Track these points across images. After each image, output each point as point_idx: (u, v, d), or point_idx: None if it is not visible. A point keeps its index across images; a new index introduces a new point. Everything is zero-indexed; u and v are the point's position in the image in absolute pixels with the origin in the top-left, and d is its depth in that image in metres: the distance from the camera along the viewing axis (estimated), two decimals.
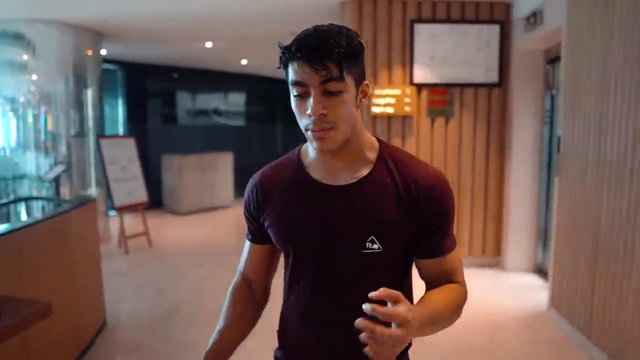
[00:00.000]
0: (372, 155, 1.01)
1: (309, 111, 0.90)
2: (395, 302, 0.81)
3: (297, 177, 1.03)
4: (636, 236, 2.56)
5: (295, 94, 0.93)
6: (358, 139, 1.00)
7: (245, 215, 1.12)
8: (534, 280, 4.55)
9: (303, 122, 0.94)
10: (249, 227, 1.14)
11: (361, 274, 0.98)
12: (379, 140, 1.05)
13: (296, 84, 0.91)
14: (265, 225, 1.07)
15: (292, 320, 1.08)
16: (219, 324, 1.11)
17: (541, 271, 4.66)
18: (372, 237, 0.97)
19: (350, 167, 1.00)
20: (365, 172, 1.00)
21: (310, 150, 1.04)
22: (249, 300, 1.15)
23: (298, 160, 1.05)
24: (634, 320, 2.58)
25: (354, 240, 0.97)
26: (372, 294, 0.79)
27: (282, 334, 1.11)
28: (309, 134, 0.94)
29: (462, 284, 1.04)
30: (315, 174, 1.02)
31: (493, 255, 4.96)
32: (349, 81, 0.91)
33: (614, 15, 2.80)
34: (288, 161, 1.07)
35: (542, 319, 3.65)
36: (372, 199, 0.97)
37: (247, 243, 1.17)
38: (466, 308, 1.03)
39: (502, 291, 4.29)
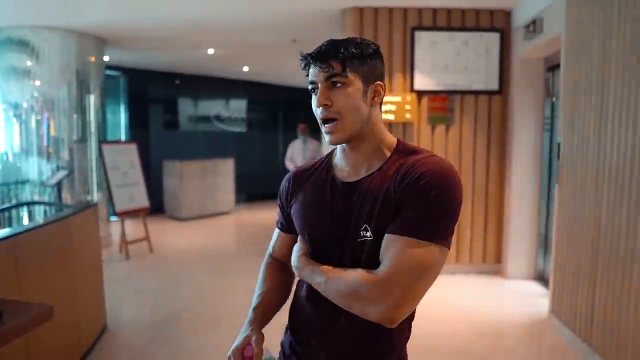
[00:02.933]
0: (389, 152, 1.08)
1: (316, 102, 1.04)
2: None
3: (323, 174, 1.15)
4: (636, 243, 2.57)
5: (310, 89, 1.07)
6: (375, 137, 1.08)
7: (278, 204, 1.25)
8: (535, 287, 4.55)
9: (317, 114, 1.06)
10: (279, 216, 1.25)
11: (354, 260, 1.03)
12: (399, 140, 1.12)
13: (310, 82, 1.06)
14: (291, 214, 1.18)
15: (300, 301, 1.17)
16: (257, 292, 1.19)
17: (542, 278, 4.66)
18: (365, 225, 1.02)
19: (369, 164, 1.08)
20: (377, 167, 1.07)
21: (337, 149, 1.15)
22: (282, 272, 1.24)
23: (328, 159, 1.18)
24: (635, 327, 2.57)
25: (355, 229, 1.04)
26: None
27: (292, 312, 1.20)
28: (322, 128, 1.06)
29: (380, 272, 0.94)
30: (340, 172, 1.12)
31: (494, 263, 4.95)
32: (354, 77, 1.02)
33: (612, 24, 2.82)
34: (322, 160, 1.20)
35: (542, 326, 3.64)
36: (374, 191, 1.03)
37: (276, 230, 1.28)
38: (467, 315, 1.01)
39: (503, 298, 4.29)
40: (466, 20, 4.72)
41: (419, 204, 0.96)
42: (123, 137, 8.40)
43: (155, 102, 9.01)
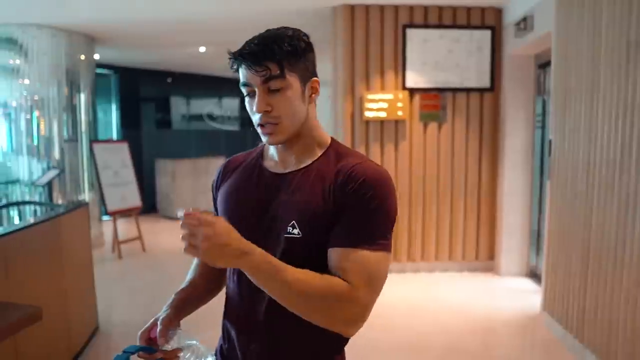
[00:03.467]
0: (320, 150, 1.06)
1: (254, 108, 0.99)
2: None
3: (253, 164, 1.13)
4: (626, 239, 2.59)
5: (245, 93, 1.01)
6: (310, 134, 1.06)
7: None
8: (527, 284, 4.57)
9: (254, 119, 1.02)
10: (213, 205, 1.23)
11: (283, 258, 0.94)
12: (332, 138, 1.10)
13: (244, 85, 1.00)
14: (217, 201, 1.16)
15: (228, 292, 1.13)
16: (189, 275, 1.20)
17: (534, 275, 4.68)
18: (293, 221, 0.98)
19: (299, 159, 1.06)
20: (308, 162, 1.04)
21: None
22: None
23: (260, 150, 1.15)
24: (625, 323, 2.59)
25: (279, 224, 1.00)
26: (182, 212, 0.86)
27: (225, 304, 1.16)
28: (259, 129, 1.02)
29: (351, 285, 0.91)
30: (269, 162, 1.10)
31: (486, 260, 4.97)
32: (292, 79, 0.98)
33: (601, 20, 2.83)
34: (255, 150, 1.17)
35: (535, 322, 3.66)
36: (303, 186, 1.01)
37: None
38: (459, 312, 0.97)
39: (496, 295, 4.31)
40: (457, 18, 4.73)
41: (368, 213, 0.95)
42: (115, 136, 8.34)
43: (147, 100, 8.95)
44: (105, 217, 6.40)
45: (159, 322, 1.03)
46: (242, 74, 1.00)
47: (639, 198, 2.48)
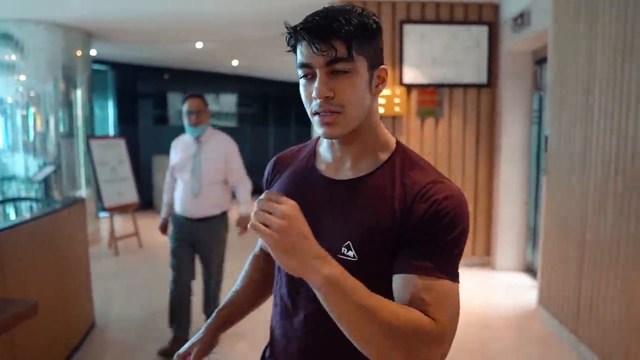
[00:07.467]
0: (383, 155, 0.91)
1: (314, 94, 0.84)
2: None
3: (304, 163, 0.99)
4: (621, 234, 2.60)
5: (301, 75, 0.87)
6: (371, 134, 0.91)
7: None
8: (524, 279, 4.59)
9: (310, 106, 0.86)
10: None
11: None
12: (398, 142, 0.94)
13: (302, 65, 0.85)
14: None
15: (274, 309, 1.03)
16: (231, 290, 1.13)
17: (531, 270, 4.70)
18: (348, 242, 0.86)
19: (356, 163, 0.91)
20: (368, 171, 0.90)
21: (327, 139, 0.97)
22: (262, 270, 1.15)
23: (312, 147, 1.01)
24: (619, 317, 2.61)
25: (332, 241, 0.87)
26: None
27: (271, 323, 1.07)
28: (315, 118, 0.86)
29: (437, 322, 0.78)
30: (321, 164, 0.96)
31: (483, 255, 4.99)
32: (360, 62, 0.84)
33: (597, 16, 2.83)
34: (306, 146, 1.04)
35: (531, 317, 3.68)
36: (361, 201, 0.87)
37: None
38: None
39: (492, 290, 4.32)
40: (454, 14, 4.72)
41: (448, 241, 0.83)
42: (111, 132, 8.32)
43: (144, 96, 8.93)
44: (102, 214, 6.39)
45: (192, 354, 1.02)
46: (301, 53, 0.84)
47: (634, 193, 2.49)
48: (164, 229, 3.34)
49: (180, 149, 3.23)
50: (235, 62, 8.42)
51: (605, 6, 2.76)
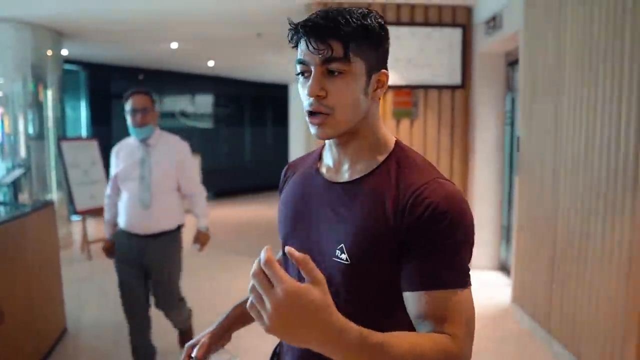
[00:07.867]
0: (380, 157, 0.89)
1: (306, 91, 0.83)
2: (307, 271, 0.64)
3: (310, 168, 0.99)
4: (590, 233, 2.66)
5: (298, 72, 0.87)
6: (369, 136, 0.90)
7: None
8: (498, 277, 4.67)
9: (304, 104, 0.86)
10: None
11: (330, 284, 0.72)
12: (397, 142, 0.92)
13: (299, 62, 0.85)
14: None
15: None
16: None
17: (504, 268, 4.78)
18: (342, 245, 0.85)
19: (354, 165, 0.90)
20: (365, 173, 0.89)
21: (327, 142, 0.96)
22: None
23: (319, 152, 1.01)
24: (588, 315, 2.67)
25: (328, 244, 0.87)
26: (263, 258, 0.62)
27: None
28: (307, 118, 0.86)
29: (454, 339, 0.76)
30: (324, 167, 0.96)
31: None
32: (357, 64, 0.83)
33: (566, 20, 2.90)
34: (315, 151, 1.03)
35: (505, 315, 3.74)
36: (356, 204, 0.86)
37: None
38: None
39: None
40: (429, 16, 4.78)
41: (451, 247, 0.81)
42: (84, 134, 8.15)
43: (117, 97, 8.74)
44: (74, 217, 6.25)
45: (198, 345, 1.02)
46: (300, 50, 0.85)
47: (601, 192, 2.55)
48: (109, 251, 2.74)
49: (123, 154, 2.72)
50: (211, 63, 8.35)
51: (574, 10, 2.83)
